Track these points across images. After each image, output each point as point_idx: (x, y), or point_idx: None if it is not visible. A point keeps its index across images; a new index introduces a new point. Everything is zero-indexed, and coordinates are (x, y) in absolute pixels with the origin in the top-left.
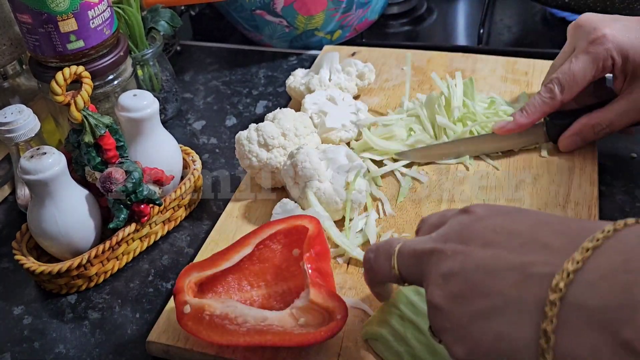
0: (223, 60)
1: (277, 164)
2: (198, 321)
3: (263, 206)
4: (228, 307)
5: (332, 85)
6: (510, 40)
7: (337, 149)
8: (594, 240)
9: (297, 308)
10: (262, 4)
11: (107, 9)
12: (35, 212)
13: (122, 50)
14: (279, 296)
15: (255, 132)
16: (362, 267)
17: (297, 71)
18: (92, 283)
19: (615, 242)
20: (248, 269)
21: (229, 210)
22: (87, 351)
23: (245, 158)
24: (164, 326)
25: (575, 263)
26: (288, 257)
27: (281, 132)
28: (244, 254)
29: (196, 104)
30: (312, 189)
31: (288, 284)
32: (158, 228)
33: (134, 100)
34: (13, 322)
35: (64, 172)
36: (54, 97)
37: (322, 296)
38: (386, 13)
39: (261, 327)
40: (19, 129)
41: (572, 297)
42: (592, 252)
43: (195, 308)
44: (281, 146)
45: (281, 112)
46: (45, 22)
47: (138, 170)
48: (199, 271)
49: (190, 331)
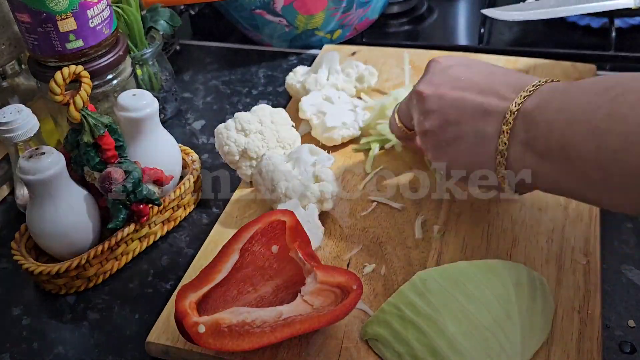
0: (223, 60)
1: (255, 149)
2: (219, 336)
3: (262, 206)
4: (240, 314)
5: (329, 85)
6: (511, 39)
7: (300, 148)
8: (527, 90)
9: (307, 294)
10: (261, 4)
11: (106, 8)
12: (34, 212)
13: (121, 49)
14: (271, 296)
15: (233, 121)
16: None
17: (298, 68)
18: (91, 283)
19: (538, 92)
20: (233, 277)
21: (228, 210)
22: (87, 352)
23: (224, 145)
24: (163, 327)
25: (517, 105)
26: (268, 256)
27: (258, 119)
28: (232, 262)
29: (196, 104)
30: (282, 189)
31: (275, 281)
32: (157, 228)
33: (133, 99)
34: (12, 323)
35: (63, 172)
36: (53, 96)
37: (331, 274)
38: (386, 12)
39: (283, 321)
40: (17, 128)
41: (516, 127)
42: (526, 97)
43: (209, 325)
44: (258, 132)
45: (258, 106)
46: (44, 22)
47: (137, 170)
48: (194, 290)
49: (215, 347)
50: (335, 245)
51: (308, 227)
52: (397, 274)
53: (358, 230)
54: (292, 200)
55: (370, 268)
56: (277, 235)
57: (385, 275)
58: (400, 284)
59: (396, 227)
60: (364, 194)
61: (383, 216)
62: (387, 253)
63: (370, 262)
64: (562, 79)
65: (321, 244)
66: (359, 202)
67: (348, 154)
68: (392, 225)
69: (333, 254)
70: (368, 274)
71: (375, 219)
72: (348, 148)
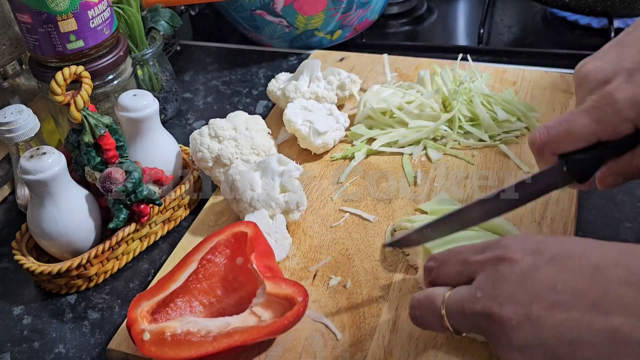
0: (223, 60)
1: (229, 156)
2: (161, 344)
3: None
4: (187, 323)
5: (309, 93)
6: (510, 40)
7: (269, 158)
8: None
9: (256, 305)
10: (262, 4)
11: (107, 9)
12: (35, 212)
13: (122, 50)
14: (233, 307)
15: (207, 127)
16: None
17: (280, 75)
18: (91, 283)
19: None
20: (196, 288)
21: (201, 217)
22: (87, 351)
23: (198, 151)
24: (125, 334)
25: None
26: (233, 268)
27: (232, 126)
28: (189, 271)
29: (196, 104)
30: (247, 198)
31: (239, 293)
32: (158, 228)
33: (134, 100)
34: (13, 322)
35: (64, 172)
36: (54, 97)
37: (279, 286)
38: (386, 13)
39: (227, 331)
40: (18, 129)
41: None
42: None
43: (154, 333)
44: (232, 138)
45: (234, 113)
46: (45, 22)
47: (138, 170)
48: (148, 299)
49: (154, 355)
50: (303, 256)
51: (275, 237)
52: (362, 288)
53: (328, 241)
54: (261, 211)
55: (336, 281)
56: (243, 247)
57: (350, 289)
58: (365, 298)
59: (366, 239)
60: (336, 205)
61: (354, 227)
62: (354, 266)
63: (336, 274)
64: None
65: (289, 254)
66: (331, 213)
67: (325, 163)
68: (362, 237)
69: (300, 265)
70: (333, 286)
71: (346, 230)
72: (326, 157)
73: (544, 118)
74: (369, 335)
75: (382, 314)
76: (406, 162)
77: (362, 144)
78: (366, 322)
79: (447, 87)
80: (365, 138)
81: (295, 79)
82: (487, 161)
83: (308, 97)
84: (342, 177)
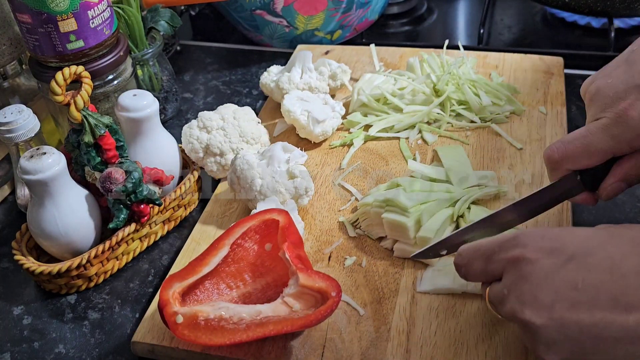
0: (223, 60)
1: (218, 144)
2: (194, 328)
3: (242, 205)
4: (220, 308)
5: (302, 84)
6: (510, 40)
7: (273, 146)
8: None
9: (288, 295)
10: (262, 4)
11: (106, 9)
12: (35, 212)
13: (122, 50)
14: (260, 292)
15: (196, 120)
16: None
17: (272, 67)
18: (92, 283)
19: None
20: (224, 271)
21: (209, 209)
22: (87, 351)
23: (189, 143)
24: (149, 326)
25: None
26: (261, 253)
27: (220, 117)
28: (221, 255)
29: (196, 104)
30: (256, 187)
31: (266, 279)
32: (158, 228)
33: (134, 100)
34: (13, 322)
35: (64, 172)
36: (54, 97)
37: (312, 278)
38: (386, 13)
39: (259, 320)
40: (18, 129)
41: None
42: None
43: (187, 316)
44: (220, 128)
45: (223, 105)
46: (45, 22)
47: (138, 170)
48: (180, 280)
49: (189, 339)
50: (315, 240)
51: None
52: (378, 265)
53: (337, 224)
54: (272, 198)
55: (351, 261)
56: (272, 234)
57: (365, 267)
58: (381, 275)
59: None
60: (341, 189)
61: None
62: (367, 245)
63: (350, 255)
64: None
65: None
66: (338, 198)
67: (324, 151)
68: None
69: (314, 248)
70: (349, 266)
71: (353, 212)
72: (324, 145)
73: (528, 98)
74: (390, 309)
75: (399, 288)
76: (404, 145)
77: (359, 131)
78: (386, 297)
79: (435, 73)
80: (362, 125)
81: (287, 71)
82: (480, 140)
83: (301, 88)
84: (343, 162)
